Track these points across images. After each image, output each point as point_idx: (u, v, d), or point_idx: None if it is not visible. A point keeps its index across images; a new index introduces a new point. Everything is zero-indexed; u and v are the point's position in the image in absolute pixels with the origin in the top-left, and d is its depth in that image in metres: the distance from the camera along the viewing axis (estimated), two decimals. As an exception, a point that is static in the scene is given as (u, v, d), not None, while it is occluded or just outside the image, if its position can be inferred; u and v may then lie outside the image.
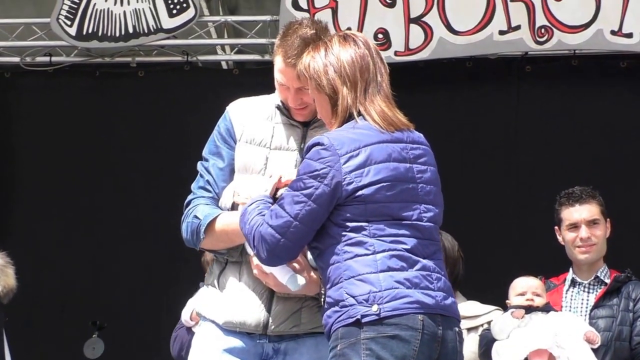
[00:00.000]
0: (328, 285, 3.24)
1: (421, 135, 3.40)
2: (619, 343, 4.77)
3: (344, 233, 3.22)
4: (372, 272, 3.18)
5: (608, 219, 5.09)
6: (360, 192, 3.22)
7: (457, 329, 3.29)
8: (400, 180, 3.26)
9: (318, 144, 3.27)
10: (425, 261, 3.24)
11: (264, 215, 3.27)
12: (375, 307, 3.14)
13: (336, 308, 3.20)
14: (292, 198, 3.23)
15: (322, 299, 3.29)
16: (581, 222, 5.00)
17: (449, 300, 3.27)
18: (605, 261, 5.08)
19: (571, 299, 5.00)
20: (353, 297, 3.17)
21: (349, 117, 3.32)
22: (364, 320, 3.14)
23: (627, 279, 4.95)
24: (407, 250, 3.22)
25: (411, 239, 3.24)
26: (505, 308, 5.01)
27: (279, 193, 3.36)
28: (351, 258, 3.20)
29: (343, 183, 3.21)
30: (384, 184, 3.23)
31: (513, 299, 4.89)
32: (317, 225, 3.24)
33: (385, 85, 3.38)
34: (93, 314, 7.55)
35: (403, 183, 3.27)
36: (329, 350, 3.22)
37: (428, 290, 3.21)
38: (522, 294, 4.85)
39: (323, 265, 3.27)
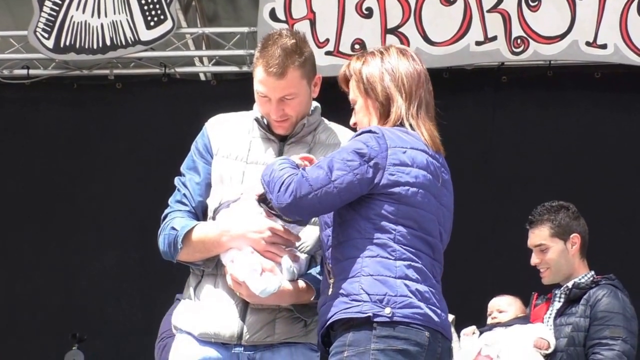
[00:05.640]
0: (341, 277, 3.24)
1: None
2: (573, 349, 4.83)
3: (370, 230, 3.23)
4: (391, 276, 3.20)
5: (574, 234, 5.08)
6: (397, 189, 3.23)
7: (450, 346, 3.35)
8: (431, 193, 3.30)
9: (370, 131, 3.28)
10: (433, 280, 3.29)
11: (295, 171, 3.25)
12: (388, 310, 3.17)
13: (346, 299, 3.21)
14: (334, 164, 3.22)
15: (328, 290, 3.28)
16: (531, 247, 5.08)
17: (448, 322, 3.33)
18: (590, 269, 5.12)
19: (550, 311, 5.06)
20: (368, 294, 3.18)
21: (399, 126, 3.33)
22: (375, 319, 3.16)
23: (592, 284, 4.98)
24: (422, 265, 3.26)
25: (426, 256, 3.28)
26: (481, 322, 5.09)
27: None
28: (373, 257, 3.21)
29: (385, 172, 3.22)
30: (420, 189, 3.26)
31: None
32: (349, 198, 3.23)
33: (432, 106, 3.42)
34: (72, 326, 7.54)
35: (433, 197, 3.30)
36: (332, 353, 3.23)
37: (435, 307, 3.25)
38: (490, 314, 4.95)
39: (340, 257, 3.27)
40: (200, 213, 3.60)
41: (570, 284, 5.01)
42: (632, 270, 7.30)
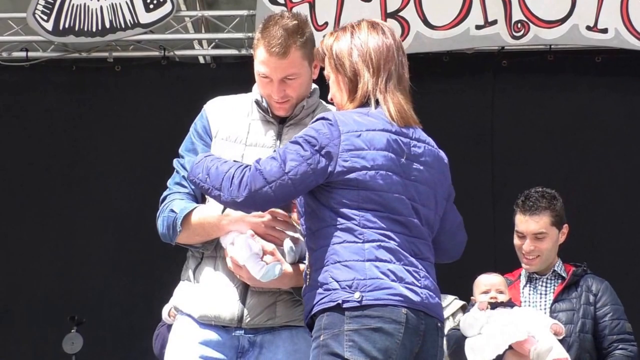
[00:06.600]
0: (315, 267, 3.24)
1: (427, 137, 3.39)
2: (583, 335, 4.87)
3: (335, 217, 3.21)
4: (359, 260, 3.18)
5: (565, 224, 5.09)
6: (354, 175, 3.20)
7: (439, 324, 3.29)
8: (394, 172, 3.25)
9: (324, 118, 3.27)
10: (412, 258, 3.24)
11: (241, 164, 3.25)
12: (357, 295, 3.14)
13: (320, 290, 3.20)
14: (287, 155, 3.21)
15: (306, 280, 3.28)
16: (527, 234, 5.03)
17: (434, 300, 3.26)
18: (559, 256, 5.14)
19: (529, 294, 5.05)
20: (337, 281, 3.17)
21: (366, 103, 3.32)
22: (345, 305, 3.14)
23: (584, 272, 5.02)
24: (395, 244, 3.21)
25: (399, 234, 3.23)
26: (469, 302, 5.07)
27: None
28: (339, 243, 3.20)
29: (339, 159, 3.20)
30: (380, 171, 3.22)
31: (478, 296, 4.95)
32: (304, 189, 3.22)
33: (405, 79, 3.38)
34: (71, 309, 7.54)
35: (397, 176, 3.25)
36: (312, 339, 3.23)
37: (413, 286, 3.20)
38: (486, 292, 4.91)
39: (313, 247, 3.27)
40: (199, 195, 3.59)
41: (562, 272, 5.03)
42: (632, 254, 7.32)
